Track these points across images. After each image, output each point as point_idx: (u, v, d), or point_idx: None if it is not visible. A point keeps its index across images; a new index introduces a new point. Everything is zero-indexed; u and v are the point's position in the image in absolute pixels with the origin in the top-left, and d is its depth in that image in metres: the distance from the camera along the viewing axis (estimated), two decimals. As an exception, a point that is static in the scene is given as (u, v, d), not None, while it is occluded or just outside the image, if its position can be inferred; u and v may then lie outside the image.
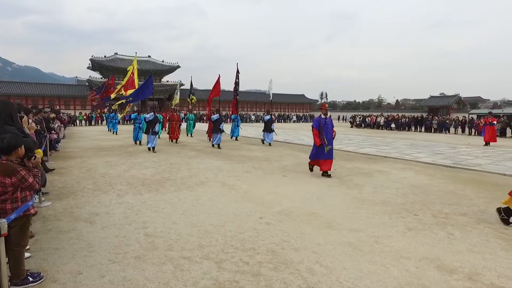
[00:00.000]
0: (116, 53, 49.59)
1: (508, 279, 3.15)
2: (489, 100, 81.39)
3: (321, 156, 7.79)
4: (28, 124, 5.25)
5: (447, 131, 28.76)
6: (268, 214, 4.99)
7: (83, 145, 14.33)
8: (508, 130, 24.64)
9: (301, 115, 63.06)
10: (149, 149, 12.45)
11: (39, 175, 3.01)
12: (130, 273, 3.15)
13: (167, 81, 52.08)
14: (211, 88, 17.72)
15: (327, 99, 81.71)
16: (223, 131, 13.72)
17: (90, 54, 65.16)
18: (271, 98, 17.27)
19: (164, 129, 19.55)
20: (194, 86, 22.33)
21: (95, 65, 47.72)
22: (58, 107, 32.20)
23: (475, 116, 34.10)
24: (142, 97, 11.79)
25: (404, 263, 3.44)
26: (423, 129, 31.14)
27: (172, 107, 18.18)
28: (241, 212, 5.08)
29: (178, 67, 52.26)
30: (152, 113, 12.30)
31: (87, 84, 48.49)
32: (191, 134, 19.56)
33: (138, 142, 14.93)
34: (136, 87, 15.27)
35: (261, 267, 3.28)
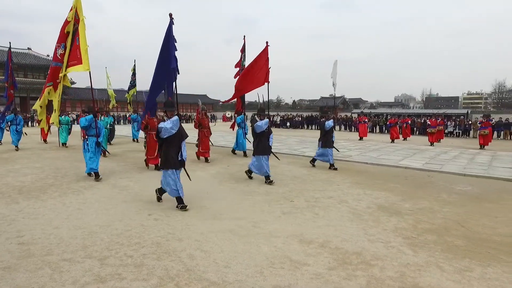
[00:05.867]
0: (-16, 44, 42.09)
1: (347, 242, 4.05)
2: (367, 101, 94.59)
3: None
4: None
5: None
6: (157, 211, 5.17)
7: None
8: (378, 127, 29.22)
9: (205, 115, 63.27)
10: (181, 205, 5.35)
11: None
12: (-2, 283, 3.01)
13: (53, 78, 46.36)
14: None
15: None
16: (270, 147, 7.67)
17: None
18: (335, 89, 11.03)
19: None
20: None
21: (-47, 56, 39.59)
22: None
23: (355, 115, 39.39)
24: (171, 79, 5.82)
25: (273, 241, 4.05)
26: (314, 127, 34.65)
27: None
28: (130, 211, 5.14)
29: (67, 62, 47.08)
30: (176, 117, 5.40)
31: None
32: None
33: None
34: (86, 56, 7.45)
35: (144, 259, 3.49)
